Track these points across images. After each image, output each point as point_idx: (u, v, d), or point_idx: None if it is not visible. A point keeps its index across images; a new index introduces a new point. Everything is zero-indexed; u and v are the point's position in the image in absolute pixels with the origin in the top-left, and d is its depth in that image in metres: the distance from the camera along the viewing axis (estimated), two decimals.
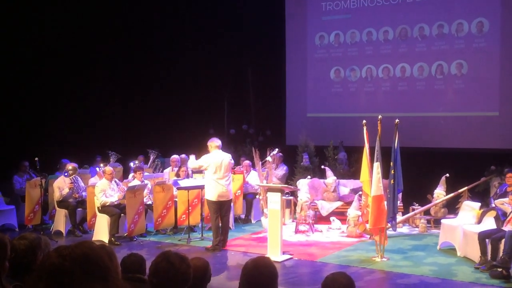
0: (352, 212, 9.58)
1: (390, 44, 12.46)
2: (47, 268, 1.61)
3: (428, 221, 10.13)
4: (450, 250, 8.38)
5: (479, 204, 8.57)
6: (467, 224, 8.20)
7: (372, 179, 7.94)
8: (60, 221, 9.91)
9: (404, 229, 10.17)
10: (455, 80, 11.78)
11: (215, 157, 8.64)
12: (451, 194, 9.96)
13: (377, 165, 7.91)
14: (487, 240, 7.33)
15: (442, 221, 8.89)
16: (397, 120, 7.93)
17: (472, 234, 7.75)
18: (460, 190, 9.93)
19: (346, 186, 11.08)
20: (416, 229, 10.13)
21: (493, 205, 8.17)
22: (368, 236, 9.18)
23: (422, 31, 12.06)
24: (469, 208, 8.62)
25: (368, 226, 8.30)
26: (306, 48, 13.46)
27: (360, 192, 9.10)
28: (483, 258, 7.32)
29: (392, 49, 12.43)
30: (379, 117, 7.97)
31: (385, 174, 8.19)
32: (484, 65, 11.45)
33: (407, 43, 12.26)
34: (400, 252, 8.43)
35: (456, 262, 7.81)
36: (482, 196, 9.85)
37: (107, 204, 9.31)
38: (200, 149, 9.06)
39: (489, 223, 7.88)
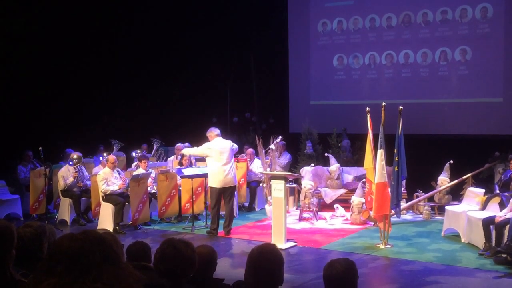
0: (356, 199, 9.58)
1: (394, 30, 12.39)
2: (65, 251, 1.62)
3: (432, 208, 10.13)
4: (454, 237, 8.39)
5: (483, 190, 8.56)
6: (471, 210, 8.19)
7: (375, 166, 7.94)
8: (65, 210, 9.94)
9: (408, 216, 10.18)
10: (459, 66, 11.72)
11: (218, 144, 8.69)
12: (455, 181, 9.96)
13: (380, 152, 7.89)
14: (491, 226, 7.32)
15: (446, 207, 8.89)
16: (400, 107, 7.90)
17: (476, 220, 7.74)
18: (464, 177, 9.92)
19: (349, 174, 11.08)
20: (420, 216, 10.14)
21: (497, 191, 8.16)
22: (372, 223, 9.20)
23: (425, 17, 11.99)
24: (473, 194, 8.61)
25: (372, 213, 8.31)
26: (309, 35, 13.40)
27: (364, 179, 9.10)
28: (488, 244, 7.32)
29: (396, 35, 12.37)
30: (383, 104, 7.94)
31: (389, 161, 8.18)
32: (488, 51, 11.39)
33: (410, 29, 12.19)
34: (404, 239, 8.44)
35: (460, 249, 7.82)
36: (486, 182, 9.84)
37: (108, 192, 9.33)
38: (202, 138, 9.06)
39: (493, 209, 7.87)
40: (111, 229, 8.92)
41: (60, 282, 1.54)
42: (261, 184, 11.00)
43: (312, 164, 10.89)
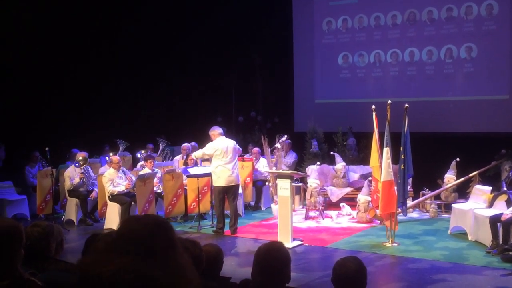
0: (362, 197, 9.57)
1: (399, 28, 12.35)
2: (136, 233, 1.63)
3: (439, 206, 10.10)
4: (461, 235, 8.36)
5: (490, 188, 8.52)
6: (478, 208, 8.16)
7: (382, 164, 7.92)
8: (72, 210, 9.98)
9: (415, 214, 10.16)
10: (465, 63, 11.68)
11: (221, 143, 8.71)
12: (462, 179, 9.92)
13: (386, 150, 7.87)
14: (498, 224, 7.29)
15: (453, 205, 8.86)
16: (406, 105, 7.88)
17: (483, 218, 7.72)
18: (470, 175, 9.88)
19: (355, 172, 11.05)
20: (427, 214, 10.11)
21: (504, 189, 8.12)
22: (379, 222, 9.18)
23: (430, 14, 11.95)
24: (480, 192, 8.58)
25: (378, 211, 8.30)
26: (314, 34, 13.38)
27: (370, 178, 9.08)
28: (495, 242, 7.28)
29: (401, 33, 12.33)
30: (388, 102, 7.92)
31: (395, 159, 8.17)
32: (493, 48, 11.34)
33: (415, 27, 12.15)
34: (410, 237, 8.42)
35: (467, 246, 7.79)
36: (493, 180, 9.79)
37: (115, 193, 9.36)
38: (208, 137, 9.07)
39: (500, 207, 7.83)
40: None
41: (132, 263, 1.54)
42: (267, 183, 11.00)
43: (318, 163, 10.88)
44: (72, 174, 9.91)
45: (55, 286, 2.87)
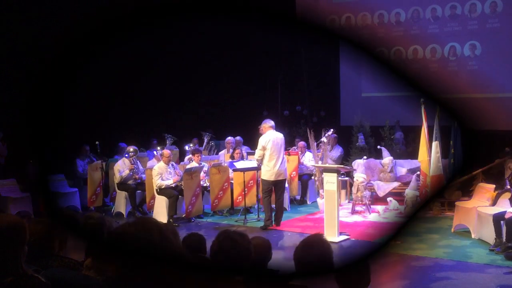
0: (410, 192, 9.45)
1: (403, 26, 12.31)
2: None
3: (442, 204, 10.05)
4: (464, 233, 8.32)
5: (494, 186, 8.48)
6: (481, 206, 8.13)
7: (430, 158, 7.76)
8: (121, 203, 10.10)
9: None
10: (468, 61, 11.64)
11: (271, 136, 8.71)
12: (465, 176, 9.88)
13: (436, 144, 7.73)
14: (502, 221, 7.27)
15: (456, 203, 8.82)
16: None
17: (487, 216, 7.69)
18: (474, 172, 9.83)
19: (403, 166, 10.78)
20: (430, 211, 10.05)
21: (508, 187, 8.10)
22: None
23: (434, 12, 11.92)
24: (484, 190, 8.54)
25: None
26: None
27: (418, 172, 8.96)
28: (498, 240, 7.27)
29: (405, 31, 12.29)
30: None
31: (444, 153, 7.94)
32: (498, 46, 11.32)
33: (419, 24, 12.12)
34: (414, 235, 8.39)
35: (471, 244, 7.77)
36: (497, 178, 9.75)
37: (163, 187, 9.45)
38: (253, 131, 9.05)
39: (504, 204, 7.80)
40: (165, 222, 8.92)
41: None
42: (313, 177, 10.90)
43: (365, 157, 10.76)
44: (121, 167, 10.04)
45: (58, 283, 2.89)
